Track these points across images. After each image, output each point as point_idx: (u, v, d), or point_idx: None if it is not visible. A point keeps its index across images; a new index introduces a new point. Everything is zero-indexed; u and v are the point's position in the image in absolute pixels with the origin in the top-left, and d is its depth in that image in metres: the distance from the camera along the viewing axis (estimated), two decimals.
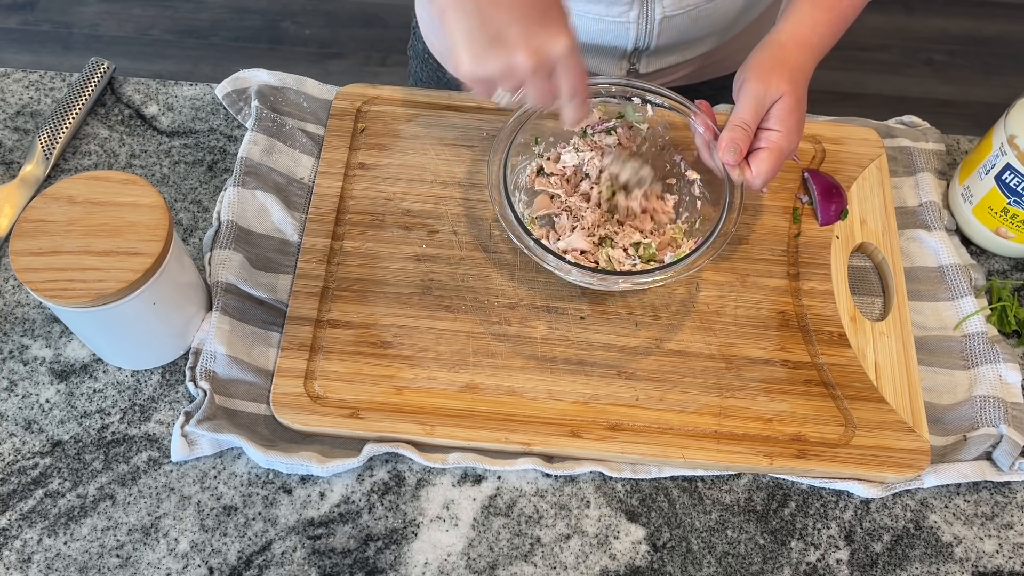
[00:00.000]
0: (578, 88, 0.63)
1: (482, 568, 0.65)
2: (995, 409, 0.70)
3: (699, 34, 0.88)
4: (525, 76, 0.60)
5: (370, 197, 0.80)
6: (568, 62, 0.61)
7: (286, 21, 2.18)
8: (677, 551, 0.66)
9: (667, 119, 0.78)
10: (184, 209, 0.80)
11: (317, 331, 0.72)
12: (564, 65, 0.61)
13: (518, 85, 0.62)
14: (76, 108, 0.84)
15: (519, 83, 0.62)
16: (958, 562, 0.67)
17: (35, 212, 0.64)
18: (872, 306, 0.78)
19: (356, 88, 0.86)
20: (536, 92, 0.62)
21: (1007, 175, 0.75)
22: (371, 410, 0.69)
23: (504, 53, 0.59)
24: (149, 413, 0.70)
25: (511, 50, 0.59)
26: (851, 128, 0.85)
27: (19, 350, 0.73)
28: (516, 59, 0.59)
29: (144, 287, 0.63)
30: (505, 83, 0.62)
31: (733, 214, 0.70)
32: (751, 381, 0.72)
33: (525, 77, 0.61)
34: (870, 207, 0.81)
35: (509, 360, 0.72)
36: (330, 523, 0.67)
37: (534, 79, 0.61)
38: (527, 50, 0.59)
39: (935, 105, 2.08)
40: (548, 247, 0.69)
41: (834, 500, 0.69)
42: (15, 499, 0.66)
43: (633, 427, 0.69)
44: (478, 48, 0.60)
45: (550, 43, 0.59)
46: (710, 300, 0.75)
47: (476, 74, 0.61)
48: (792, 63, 0.69)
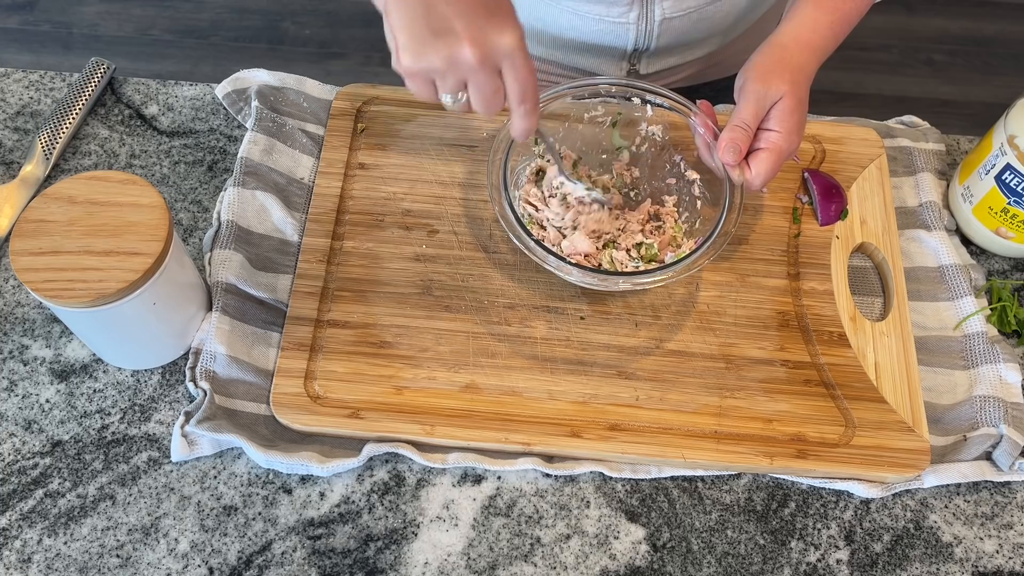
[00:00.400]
0: (527, 90, 0.59)
1: (482, 568, 0.65)
2: (995, 409, 0.70)
3: (700, 36, 0.88)
4: (468, 70, 0.57)
5: (370, 197, 0.80)
6: (516, 59, 0.58)
7: (286, 21, 2.18)
8: (677, 551, 0.66)
9: (667, 119, 0.78)
10: (184, 209, 0.80)
11: (317, 331, 0.72)
12: (511, 62, 0.58)
13: (461, 82, 0.59)
14: (76, 108, 0.84)
15: (461, 79, 0.58)
16: (958, 562, 0.67)
17: (35, 212, 0.64)
18: (872, 306, 0.78)
19: (356, 88, 0.86)
20: (480, 90, 0.59)
21: (1007, 175, 0.75)
22: (371, 410, 0.69)
23: (446, 44, 0.56)
24: (149, 413, 0.70)
25: (455, 41, 0.56)
26: (851, 128, 0.85)
27: (19, 350, 0.73)
28: (460, 51, 0.56)
29: (144, 287, 0.63)
30: (447, 79, 0.58)
31: (733, 214, 0.70)
32: (751, 381, 0.72)
33: (468, 71, 0.57)
34: (870, 207, 0.81)
35: (509, 360, 0.72)
36: (330, 523, 0.67)
37: (478, 75, 0.57)
38: (471, 41, 0.56)
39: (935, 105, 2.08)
40: (548, 247, 0.69)
41: (834, 500, 0.69)
42: (15, 499, 0.66)
43: (633, 427, 0.69)
44: (419, 40, 0.57)
45: (496, 36, 0.56)
46: (710, 300, 0.75)
47: (416, 67, 0.58)
48: (793, 64, 0.69)
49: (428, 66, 0.58)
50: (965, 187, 0.80)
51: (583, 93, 0.76)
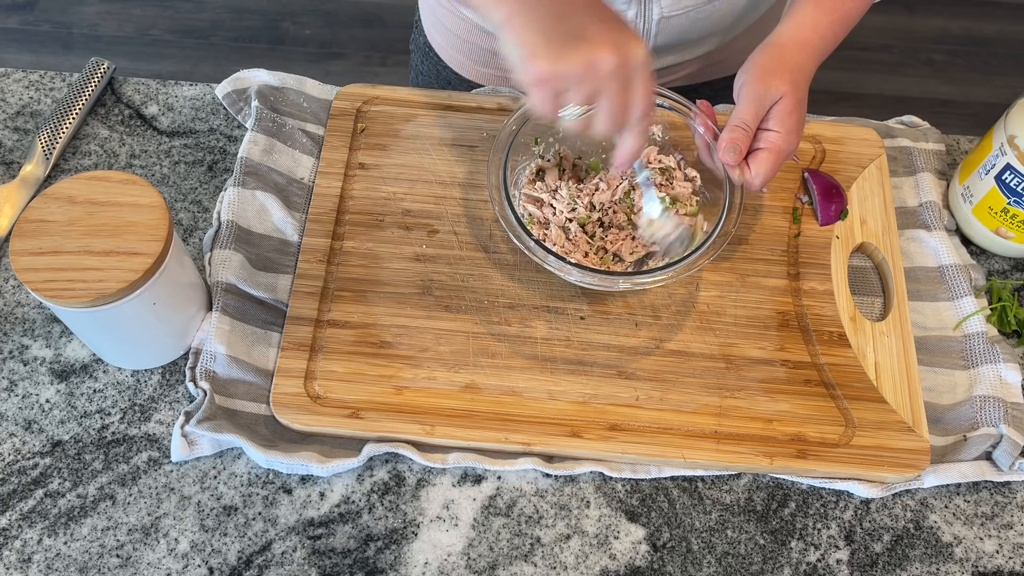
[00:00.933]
0: (649, 108, 0.59)
1: (482, 568, 0.65)
2: (995, 409, 0.70)
3: (698, 35, 0.88)
4: (605, 78, 0.56)
5: (370, 197, 0.80)
6: (646, 72, 0.57)
7: (286, 21, 2.18)
8: (677, 551, 0.66)
9: (667, 119, 0.78)
10: (184, 209, 0.80)
11: (317, 331, 0.72)
12: (643, 75, 0.57)
13: (596, 90, 0.57)
14: (76, 108, 0.84)
15: (595, 89, 0.57)
16: (958, 562, 0.67)
17: (35, 212, 0.64)
18: (872, 306, 0.78)
19: (356, 88, 0.86)
20: (612, 101, 0.57)
21: (1007, 175, 0.75)
22: (371, 410, 0.69)
23: (587, 48, 0.55)
24: (149, 413, 0.70)
25: (594, 47, 0.55)
26: (851, 128, 0.85)
27: (19, 350, 0.73)
28: (601, 55, 0.55)
29: (144, 287, 0.63)
30: (583, 86, 0.57)
31: (733, 214, 0.70)
32: (751, 381, 0.72)
33: (605, 79, 0.56)
34: (870, 207, 0.81)
35: (509, 360, 0.72)
36: (330, 523, 0.67)
37: (614, 83, 0.57)
38: (611, 46, 0.55)
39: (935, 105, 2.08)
40: (548, 247, 0.69)
41: (834, 500, 0.69)
42: (15, 499, 0.66)
43: (633, 427, 0.69)
44: (558, 44, 0.55)
45: (633, 46, 0.56)
46: (710, 300, 0.75)
47: (552, 71, 0.56)
48: (793, 64, 0.69)
49: (566, 70, 0.56)
50: (965, 187, 0.80)
51: None
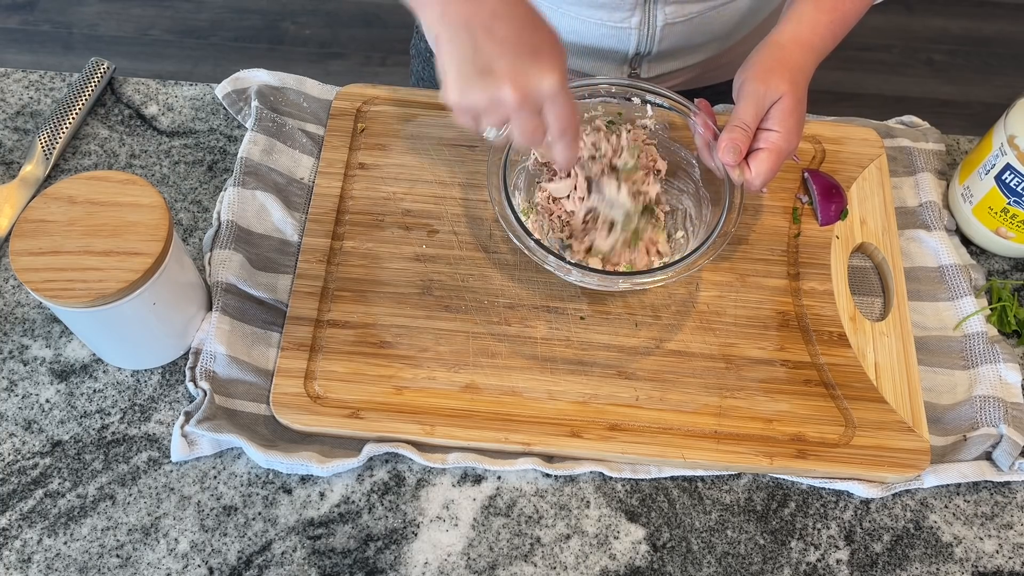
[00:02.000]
0: (567, 126, 0.61)
1: (482, 568, 0.65)
2: (995, 409, 0.70)
3: (701, 40, 0.88)
4: (510, 110, 0.59)
5: (370, 197, 0.80)
6: (557, 100, 0.59)
7: (286, 21, 2.18)
8: (677, 551, 0.66)
9: (667, 119, 0.78)
10: (184, 209, 0.80)
11: (317, 331, 0.72)
12: (552, 103, 0.60)
13: (504, 119, 0.61)
14: (76, 108, 0.84)
15: (503, 117, 0.61)
16: (958, 562, 0.67)
17: (35, 212, 0.64)
18: (872, 306, 0.78)
19: (356, 88, 0.86)
20: (521, 128, 0.61)
21: (1007, 175, 0.75)
22: (371, 410, 0.69)
23: (490, 85, 0.58)
24: (149, 413, 0.70)
25: (498, 83, 0.58)
26: (851, 128, 0.85)
27: (19, 350, 0.73)
28: (502, 92, 0.58)
29: (144, 287, 0.63)
30: (490, 116, 0.61)
31: (733, 214, 0.70)
32: (751, 381, 0.72)
33: (510, 111, 0.59)
34: (870, 207, 0.81)
35: (509, 360, 0.72)
36: (330, 523, 0.67)
37: (519, 114, 0.59)
38: (513, 83, 0.58)
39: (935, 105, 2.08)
40: (548, 247, 0.69)
41: (834, 500, 0.69)
42: (15, 499, 0.66)
43: (633, 427, 0.69)
44: (465, 78, 0.59)
45: (537, 78, 0.58)
46: (710, 300, 0.75)
47: (461, 104, 0.60)
48: (792, 64, 0.69)
49: (472, 104, 0.60)
50: (965, 187, 0.80)
51: (583, 93, 0.76)
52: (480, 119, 0.62)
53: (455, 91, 0.60)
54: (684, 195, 0.78)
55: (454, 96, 0.60)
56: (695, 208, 0.77)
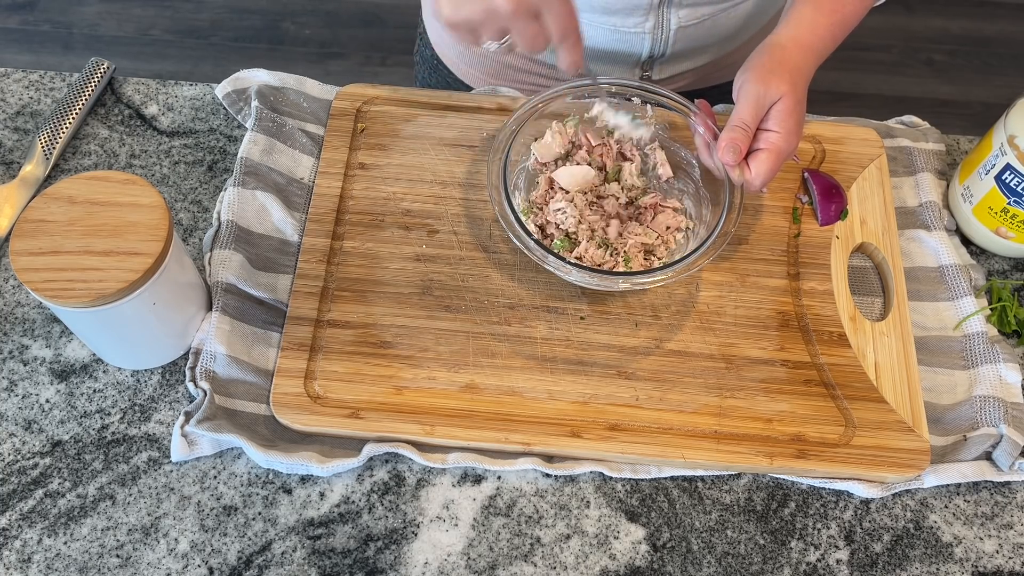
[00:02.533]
0: (568, 28, 0.60)
1: (482, 568, 0.65)
2: (995, 409, 0.70)
3: (710, 42, 0.88)
4: (506, 18, 0.58)
5: (370, 197, 0.80)
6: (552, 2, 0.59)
7: (286, 21, 2.18)
8: (677, 551, 0.66)
9: (667, 119, 0.78)
10: (184, 209, 0.80)
11: (317, 331, 0.72)
12: (548, 5, 0.59)
13: (501, 29, 0.60)
14: (76, 108, 0.84)
15: (501, 27, 0.60)
16: (958, 562, 0.67)
17: (35, 212, 0.64)
18: (872, 306, 0.78)
19: (356, 88, 0.86)
20: (522, 36, 0.60)
21: (1007, 175, 0.75)
22: (371, 410, 0.69)
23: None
24: (149, 413, 0.70)
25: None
26: (851, 128, 0.85)
27: (19, 350, 0.73)
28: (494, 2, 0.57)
29: (144, 287, 0.63)
30: (487, 28, 0.60)
31: (733, 214, 0.70)
32: (751, 381, 0.72)
33: (506, 19, 0.58)
34: (870, 207, 0.81)
35: (509, 360, 0.72)
36: (330, 523, 0.67)
37: (516, 21, 0.58)
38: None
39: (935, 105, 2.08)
40: (548, 247, 0.69)
41: (834, 500, 0.69)
42: (15, 499, 0.66)
43: (633, 427, 0.69)
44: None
45: None
46: (710, 300, 0.75)
47: (455, 18, 0.59)
48: (792, 65, 0.69)
49: (466, 16, 0.59)
50: (965, 187, 0.80)
51: (583, 93, 0.76)
52: (477, 32, 0.61)
53: (449, 6, 0.59)
54: (684, 195, 0.78)
55: (448, 11, 0.59)
56: (695, 208, 0.77)
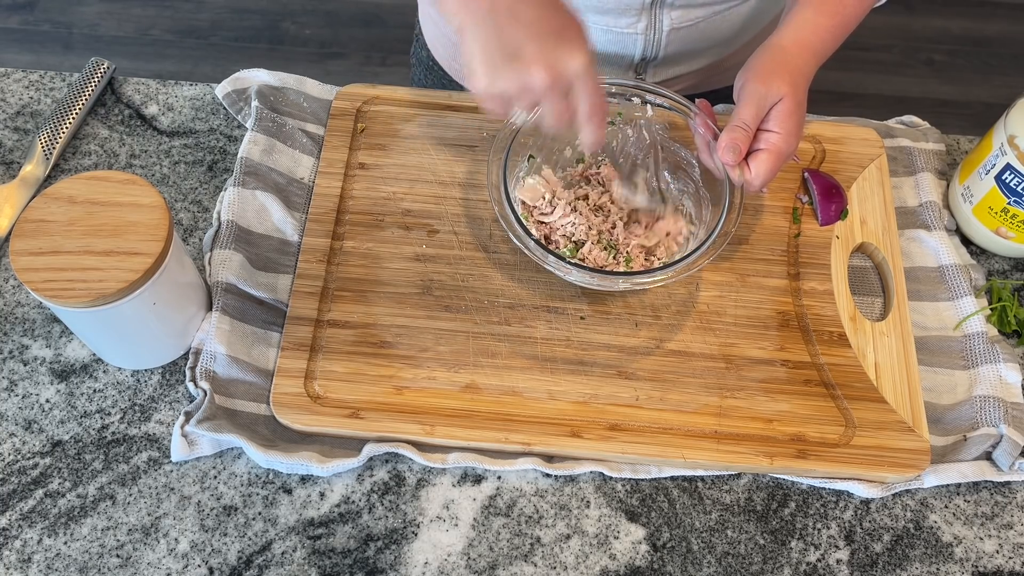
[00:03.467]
0: (596, 108, 0.61)
1: (482, 568, 0.65)
2: (995, 409, 0.70)
3: (705, 45, 0.88)
4: (540, 93, 0.59)
5: (370, 197, 0.80)
6: (585, 80, 0.60)
7: (286, 21, 2.18)
8: (677, 551, 0.66)
9: (667, 119, 0.78)
10: (184, 209, 0.80)
11: (317, 331, 0.72)
12: (582, 83, 0.60)
13: (533, 103, 0.61)
14: (76, 108, 0.84)
15: (534, 101, 0.61)
16: (958, 562, 0.67)
17: (35, 212, 0.64)
18: (872, 306, 0.78)
19: (356, 88, 0.86)
20: (552, 110, 0.61)
21: (1007, 175, 0.75)
22: (371, 410, 0.69)
23: (520, 69, 0.58)
24: (149, 413, 0.70)
25: (527, 66, 0.58)
26: (851, 128, 0.85)
27: (19, 350, 0.73)
28: (532, 76, 0.58)
29: (144, 287, 0.63)
30: (520, 101, 0.61)
31: (733, 214, 0.70)
32: (751, 381, 0.72)
33: (540, 94, 0.59)
34: (870, 207, 0.81)
35: (509, 360, 0.72)
36: (330, 523, 0.67)
37: (550, 96, 0.59)
38: (543, 66, 0.58)
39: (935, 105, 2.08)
40: (548, 247, 0.69)
41: (834, 500, 0.69)
42: (15, 499, 0.66)
43: (633, 427, 0.69)
44: (494, 65, 0.59)
45: (566, 60, 0.58)
46: (710, 300, 0.75)
47: (491, 91, 0.60)
48: (793, 66, 0.69)
49: (502, 89, 0.60)
50: (965, 187, 0.80)
51: None
52: (509, 104, 0.62)
53: (484, 78, 0.59)
54: (684, 195, 0.78)
55: (483, 83, 0.60)
56: (695, 208, 0.77)
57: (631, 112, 0.78)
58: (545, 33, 0.58)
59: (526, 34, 0.58)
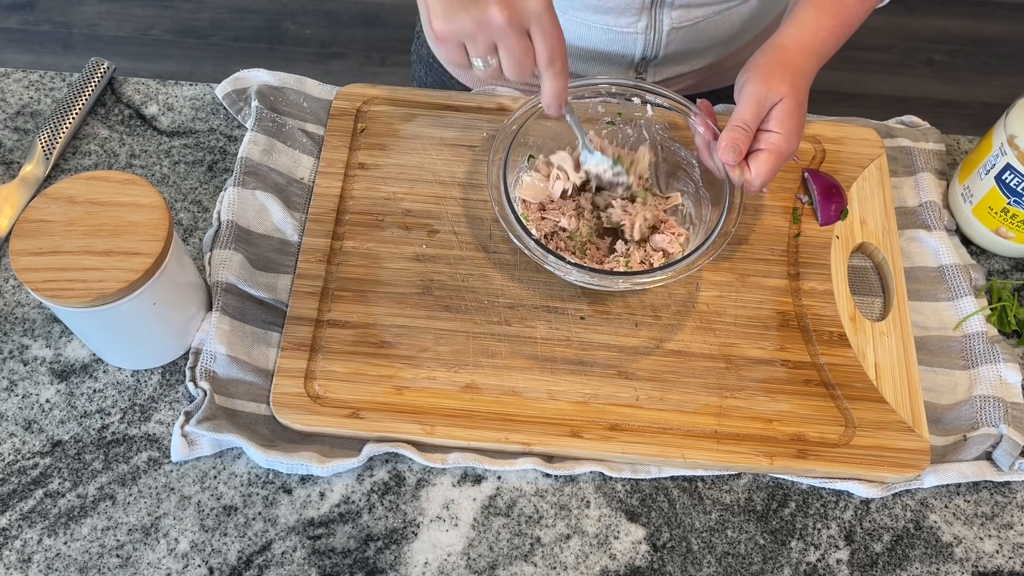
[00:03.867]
0: (555, 51, 0.61)
1: (482, 568, 0.65)
2: (995, 409, 0.70)
3: (706, 45, 0.88)
4: (497, 31, 0.59)
5: (370, 197, 0.80)
6: (543, 20, 0.59)
7: (286, 21, 2.18)
8: (677, 551, 0.66)
9: (667, 119, 0.78)
10: (184, 209, 0.80)
11: (317, 331, 0.72)
12: (538, 23, 0.59)
13: (491, 44, 0.60)
14: (76, 108, 0.84)
15: (491, 41, 0.60)
16: (958, 562, 0.67)
17: (35, 212, 0.64)
18: (872, 306, 0.78)
19: (356, 88, 0.86)
20: (510, 52, 0.60)
21: (1007, 175, 0.75)
22: (371, 410, 0.69)
23: (476, 6, 0.58)
24: (149, 413, 0.70)
25: (483, 3, 0.58)
26: (851, 128, 0.85)
27: (19, 350, 0.73)
28: (488, 12, 0.58)
29: (144, 287, 0.63)
30: (477, 41, 0.60)
31: (733, 214, 0.70)
32: (751, 381, 0.72)
33: (497, 32, 0.59)
34: (870, 207, 0.81)
35: (509, 360, 0.72)
36: (330, 523, 0.67)
37: (507, 35, 0.59)
38: (499, 2, 0.57)
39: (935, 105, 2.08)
40: (548, 247, 0.69)
41: (834, 500, 0.69)
42: (15, 499, 0.66)
43: (633, 427, 0.69)
44: (449, 3, 0.58)
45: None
46: (710, 300, 0.75)
47: (447, 31, 0.60)
48: (793, 66, 0.69)
49: (459, 28, 0.59)
50: (965, 187, 0.80)
51: (583, 93, 0.77)
52: (467, 47, 0.61)
53: (440, 17, 0.59)
54: (684, 195, 0.78)
55: (439, 23, 0.59)
56: (695, 208, 0.77)
57: (631, 112, 0.78)
58: None
59: None
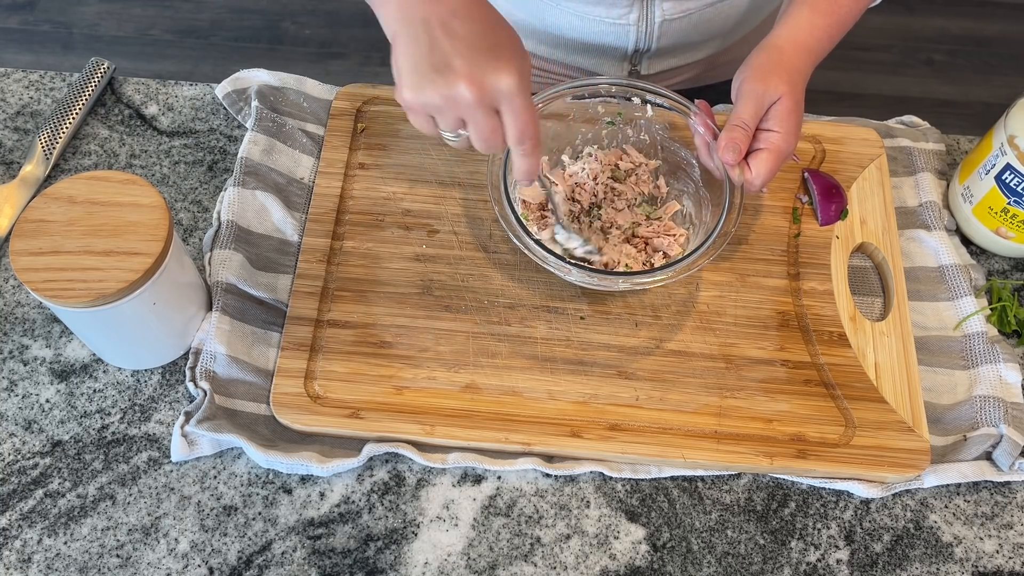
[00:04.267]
0: (526, 131, 0.59)
1: (482, 568, 0.65)
2: (995, 409, 0.70)
3: (700, 38, 0.88)
4: (465, 109, 0.57)
5: (370, 197, 0.80)
6: (513, 101, 0.57)
7: (286, 21, 2.18)
8: (677, 551, 0.66)
9: (667, 119, 0.78)
10: (184, 209, 0.80)
11: (317, 331, 0.72)
12: (508, 103, 0.57)
13: (459, 119, 0.59)
14: (76, 108, 0.84)
15: (458, 116, 0.59)
16: (958, 562, 0.67)
17: (35, 212, 0.64)
18: (872, 306, 0.78)
19: (356, 88, 0.86)
20: (478, 129, 0.59)
21: (1007, 175, 0.75)
22: (371, 410, 0.69)
23: (446, 82, 0.56)
24: (149, 413, 0.70)
25: (454, 79, 0.56)
26: (851, 128, 0.85)
27: (19, 350, 0.73)
28: (457, 89, 0.56)
29: (144, 287, 0.63)
30: (445, 115, 0.59)
31: (733, 214, 0.70)
32: (751, 381, 0.72)
33: (465, 110, 0.57)
34: (870, 207, 0.81)
35: (509, 360, 0.72)
36: (330, 523, 0.67)
37: (475, 113, 0.57)
38: (470, 80, 0.56)
39: (935, 105, 2.08)
40: (548, 247, 0.69)
41: (834, 500, 0.69)
42: (15, 499, 0.66)
43: (633, 427, 0.69)
44: (421, 74, 0.57)
45: (495, 77, 0.56)
46: (710, 300, 0.75)
47: (415, 102, 0.58)
48: (790, 66, 0.69)
49: (427, 101, 0.58)
50: (965, 187, 0.80)
51: (583, 93, 0.77)
52: (435, 119, 0.60)
53: (409, 88, 0.58)
54: (684, 195, 0.78)
55: (408, 94, 0.58)
56: (695, 209, 0.77)
57: (631, 112, 0.78)
58: (477, 49, 0.56)
59: (457, 48, 0.56)
